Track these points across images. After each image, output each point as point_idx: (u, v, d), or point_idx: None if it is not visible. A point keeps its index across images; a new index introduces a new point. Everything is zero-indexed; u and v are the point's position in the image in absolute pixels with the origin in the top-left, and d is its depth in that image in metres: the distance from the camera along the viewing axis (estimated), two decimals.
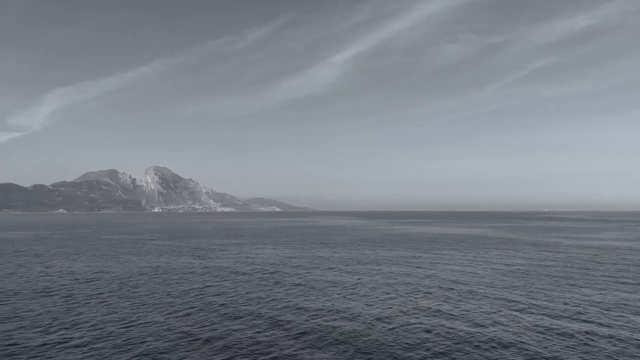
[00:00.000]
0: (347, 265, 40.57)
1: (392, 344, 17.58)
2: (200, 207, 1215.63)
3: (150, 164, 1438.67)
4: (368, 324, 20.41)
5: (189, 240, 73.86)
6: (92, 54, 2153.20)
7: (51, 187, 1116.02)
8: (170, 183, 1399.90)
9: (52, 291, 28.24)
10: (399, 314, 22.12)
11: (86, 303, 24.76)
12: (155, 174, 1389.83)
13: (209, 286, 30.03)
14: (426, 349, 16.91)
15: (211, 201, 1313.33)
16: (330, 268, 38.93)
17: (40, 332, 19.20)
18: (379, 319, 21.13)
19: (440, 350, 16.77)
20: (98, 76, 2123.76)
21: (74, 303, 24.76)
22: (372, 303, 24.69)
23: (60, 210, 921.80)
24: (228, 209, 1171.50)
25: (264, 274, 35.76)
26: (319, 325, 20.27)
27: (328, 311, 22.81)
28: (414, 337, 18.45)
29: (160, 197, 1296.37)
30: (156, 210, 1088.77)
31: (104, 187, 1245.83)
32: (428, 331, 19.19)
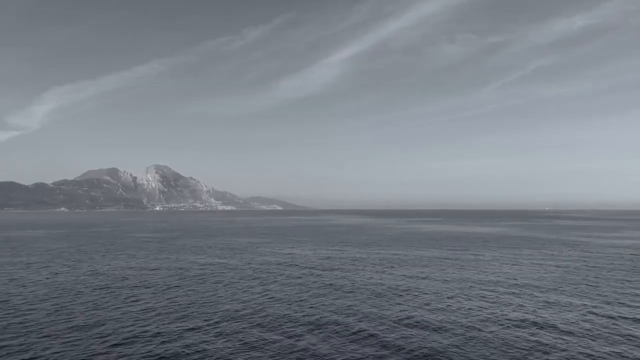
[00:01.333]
0: (391, 267, 40.02)
1: (495, 354, 17.05)
2: (202, 206, 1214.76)
3: (150, 163, 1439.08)
4: (455, 331, 19.82)
5: (214, 239, 73.30)
6: (91, 54, 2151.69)
7: (52, 186, 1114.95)
8: (171, 181, 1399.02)
9: (113, 289, 27.65)
10: (483, 319, 21.56)
11: (155, 300, 24.13)
12: (156, 173, 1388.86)
13: (268, 284, 29.47)
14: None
15: (212, 199, 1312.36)
16: (377, 270, 38.39)
17: (133, 328, 18.61)
18: (465, 326, 20.48)
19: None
20: (97, 76, 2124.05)
21: (142, 300, 24.15)
22: (445, 308, 24.11)
23: (62, 208, 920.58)
24: (229, 208, 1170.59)
25: (312, 275, 35.23)
26: (409, 334, 19.70)
27: (407, 318, 22.21)
28: (511, 344, 17.91)
29: (161, 196, 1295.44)
30: (157, 208, 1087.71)
31: (105, 185, 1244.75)
32: (526, 340, 18.63)
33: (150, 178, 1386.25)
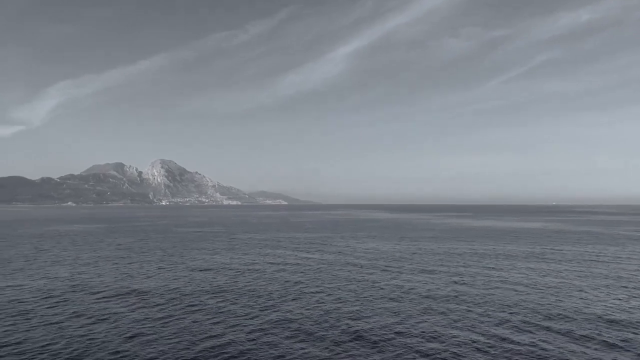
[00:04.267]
0: (499, 259, 38.81)
1: None
2: (207, 200, 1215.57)
3: (155, 158, 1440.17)
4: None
5: (269, 234, 72.24)
6: (95, 49, 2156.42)
7: (59, 180, 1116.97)
8: (177, 176, 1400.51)
9: (223, 290, 26.50)
10: None
11: (284, 299, 22.99)
12: (162, 167, 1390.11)
13: (397, 279, 28.32)
14: None
15: (217, 194, 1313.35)
16: (490, 266, 37.18)
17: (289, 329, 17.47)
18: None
19: None
20: (101, 70, 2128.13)
21: (274, 300, 22.98)
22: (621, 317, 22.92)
23: (69, 203, 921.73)
24: (234, 202, 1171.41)
25: (430, 276, 34.06)
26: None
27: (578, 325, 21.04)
28: None
29: (167, 190, 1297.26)
30: (163, 203, 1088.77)
31: (111, 180, 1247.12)
32: None
33: (155, 173, 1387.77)
